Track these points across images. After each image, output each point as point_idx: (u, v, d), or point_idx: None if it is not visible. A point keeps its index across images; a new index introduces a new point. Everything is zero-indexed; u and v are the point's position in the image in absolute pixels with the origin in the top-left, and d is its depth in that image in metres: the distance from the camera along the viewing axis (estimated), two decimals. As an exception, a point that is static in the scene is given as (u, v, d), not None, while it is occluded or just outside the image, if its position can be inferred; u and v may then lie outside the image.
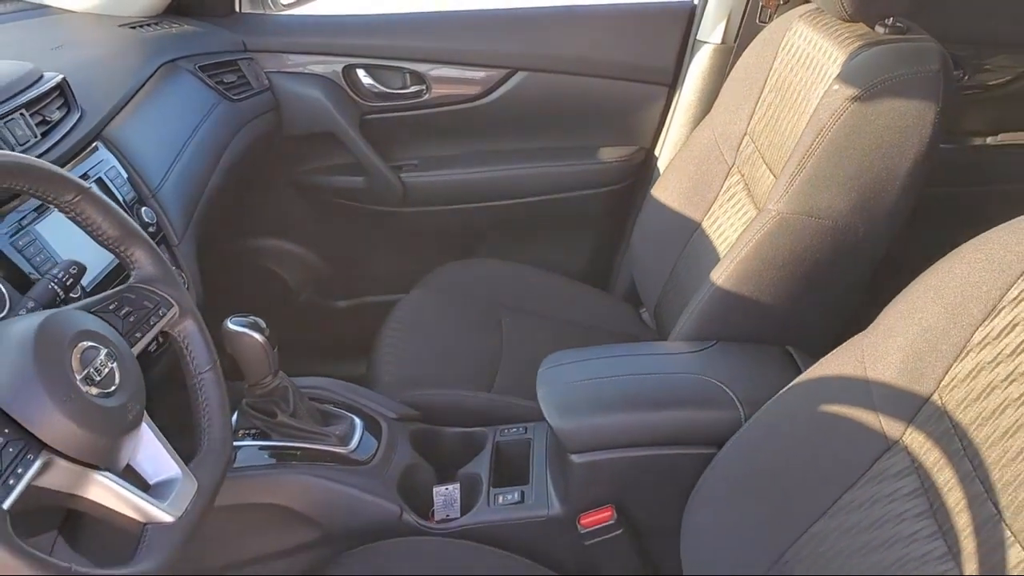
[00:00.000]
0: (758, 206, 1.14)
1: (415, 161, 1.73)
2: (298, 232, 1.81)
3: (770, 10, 1.50)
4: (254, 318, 0.96)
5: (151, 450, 0.72)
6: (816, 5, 1.14)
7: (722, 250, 1.19)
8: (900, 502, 0.66)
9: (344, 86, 1.66)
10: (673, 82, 1.63)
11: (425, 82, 1.66)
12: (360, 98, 1.67)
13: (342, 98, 1.66)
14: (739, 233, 1.10)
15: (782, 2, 1.48)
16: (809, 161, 0.99)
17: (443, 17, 1.68)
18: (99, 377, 0.65)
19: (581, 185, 1.70)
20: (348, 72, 1.65)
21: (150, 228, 1.08)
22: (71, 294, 0.82)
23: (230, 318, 0.95)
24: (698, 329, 1.08)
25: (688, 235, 1.29)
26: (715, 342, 1.07)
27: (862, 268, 1.05)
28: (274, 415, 1.00)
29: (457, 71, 1.66)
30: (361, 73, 1.66)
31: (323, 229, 1.81)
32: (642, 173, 1.70)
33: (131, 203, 1.08)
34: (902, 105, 0.95)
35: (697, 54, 1.56)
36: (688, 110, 1.58)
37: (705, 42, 1.55)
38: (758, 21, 1.50)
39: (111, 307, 0.74)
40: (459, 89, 1.67)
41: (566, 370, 1.05)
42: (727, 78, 1.34)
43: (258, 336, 0.94)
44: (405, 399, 1.19)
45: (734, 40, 1.53)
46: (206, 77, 1.46)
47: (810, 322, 1.09)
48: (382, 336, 1.37)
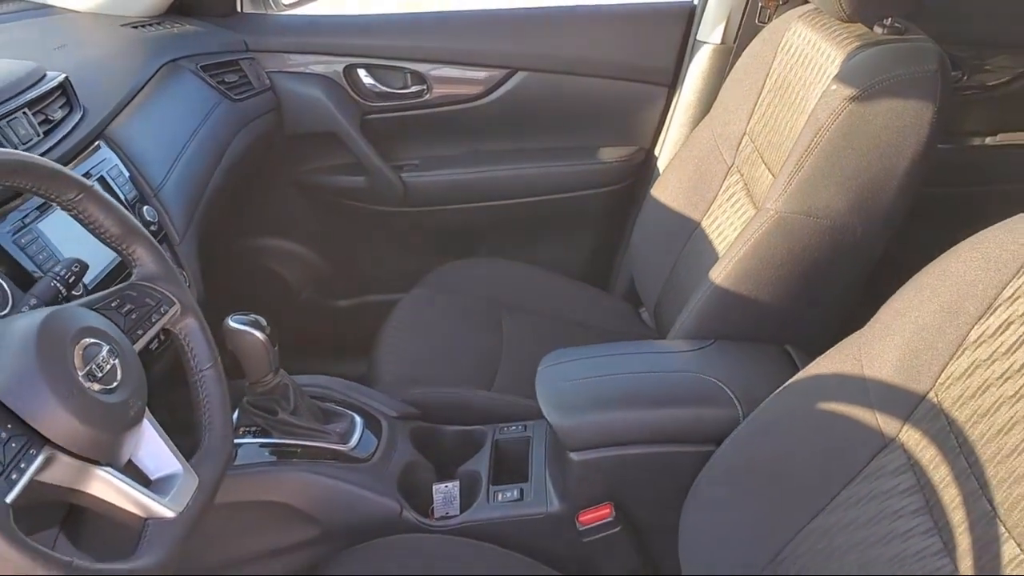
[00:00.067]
0: (757, 206, 1.14)
1: (416, 161, 1.73)
2: (299, 231, 1.81)
3: (769, 11, 1.50)
4: (255, 316, 0.96)
5: (153, 446, 0.72)
6: (815, 5, 1.15)
7: (721, 250, 1.19)
8: (896, 499, 0.66)
9: (345, 86, 1.66)
10: (673, 82, 1.63)
11: (426, 82, 1.66)
12: (361, 98, 1.68)
13: (343, 98, 1.66)
14: (738, 233, 1.11)
15: (781, 2, 1.48)
16: (807, 161, 0.99)
17: (444, 17, 1.69)
18: (101, 373, 0.65)
19: (581, 185, 1.70)
20: (349, 72, 1.66)
21: (152, 227, 1.09)
22: (73, 292, 0.83)
23: (231, 316, 0.95)
24: (697, 328, 1.09)
25: (688, 235, 1.29)
26: (713, 341, 1.07)
27: (860, 267, 1.05)
28: (275, 413, 1.00)
29: (458, 71, 1.66)
30: (362, 73, 1.66)
31: (324, 228, 1.81)
32: (642, 173, 1.71)
33: (133, 202, 1.08)
34: (900, 105, 0.95)
35: (697, 54, 1.56)
36: (688, 110, 1.59)
37: (705, 42, 1.55)
38: (757, 21, 1.50)
39: (113, 304, 0.74)
40: (460, 89, 1.67)
41: (565, 368, 1.05)
42: (727, 78, 1.35)
43: (259, 334, 0.94)
44: (405, 397, 1.20)
45: (734, 40, 1.53)
46: (208, 77, 1.46)
47: (808, 321, 1.09)
48: (383, 335, 1.38)
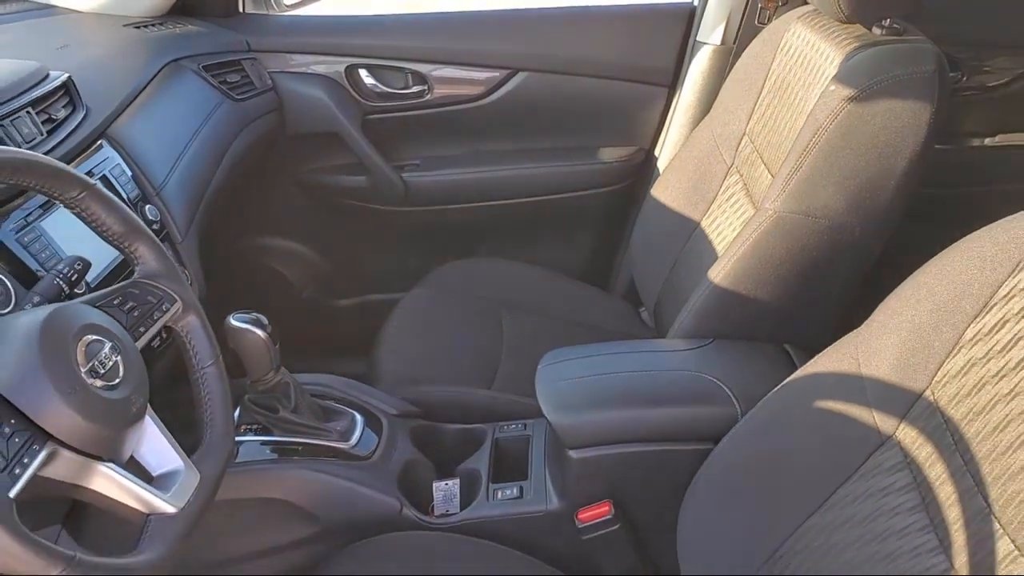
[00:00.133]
0: (756, 206, 1.14)
1: (417, 161, 1.73)
2: (300, 231, 1.82)
3: (769, 11, 1.50)
4: (256, 314, 0.96)
5: (154, 442, 0.73)
6: (814, 7, 1.15)
7: (720, 250, 1.20)
8: (893, 496, 0.66)
9: (347, 86, 1.66)
10: (673, 83, 1.63)
11: (427, 82, 1.66)
12: (362, 98, 1.68)
13: (345, 98, 1.66)
14: (737, 233, 1.11)
15: (781, 4, 1.49)
16: (806, 161, 0.99)
17: (445, 18, 1.69)
18: (103, 370, 0.66)
19: (581, 185, 1.70)
20: (351, 72, 1.66)
21: (154, 225, 1.09)
22: (75, 289, 0.83)
23: (233, 314, 0.96)
24: (695, 327, 1.09)
25: (687, 235, 1.29)
26: (712, 340, 1.08)
27: (857, 266, 1.05)
28: (276, 411, 1.01)
29: (459, 71, 1.67)
30: (363, 73, 1.67)
31: (325, 228, 1.82)
32: (642, 173, 1.71)
33: (135, 201, 1.09)
34: (898, 105, 0.95)
35: (697, 55, 1.57)
36: (688, 111, 1.59)
37: (705, 43, 1.56)
38: (757, 22, 1.51)
39: (115, 302, 0.74)
40: (461, 89, 1.67)
41: (564, 367, 1.05)
42: (726, 79, 1.35)
43: (260, 332, 0.95)
44: (406, 396, 1.20)
45: (733, 41, 1.53)
46: (210, 77, 1.47)
47: (806, 320, 1.09)
48: (383, 334, 1.38)
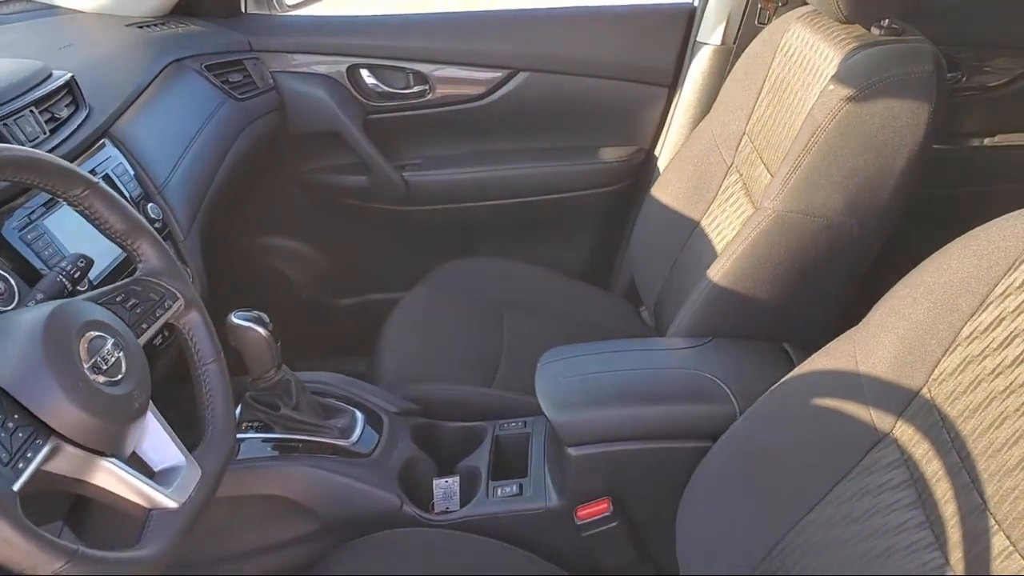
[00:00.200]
0: (756, 205, 1.15)
1: (418, 160, 1.74)
2: (302, 230, 1.82)
3: (769, 12, 1.51)
4: (258, 313, 0.97)
5: (156, 438, 0.73)
6: (814, 7, 1.16)
7: (720, 249, 1.20)
8: (890, 493, 0.66)
9: (348, 86, 1.67)
10: (673, 83, 1.64)
11: (428, 82, 1.67)
12: (364, 98, 1.69)
13: (346, 98, 1.67)
14: (737, 232, 1.12)
15: (781, 4, 1.49)
16: (804, 160, 1.00)
17: (446, 18, 1.69)
18: (106, 366, 0.66)
19: (582, 185, 1.71)
20: (352, 72, 1.67)
21: (156, 224, 1.10)
22: (78, 287, 0.83)
23: (234, 312, 0.96)
24: (694, 325, 1.09)
25: (687, 235, 1.30)
26: (711, 338, 1.08)
27: (856, 265, 1.06)
28: (277, 408, 1.01)
29: (460, 71, 1.67)
30: (365, 73, 1.68)
31: (327, 227, 1.82)
32: (642, 173, 1.71)
33: (137, 199, 1.09)
34: (896, 105, 0.95)
35: (697, 55, 1.57)
36: (688, 111, 1.59)
37: (705, 43, 1.56)
38: (757, 23, 1.51)
39: (118, 299, 0.75)
40: (462, 89, 1.68)
41: (564, 365, 1.06)
42: (726, 79, 1.35)
43: (261, 330, 0.95)
44: (407, 394, 1.20)
45: (733, 41, 1.54)
46: (212, 76, 1.47)
47: (805, 318, 1.09)
48: (384, 333, 1.38)
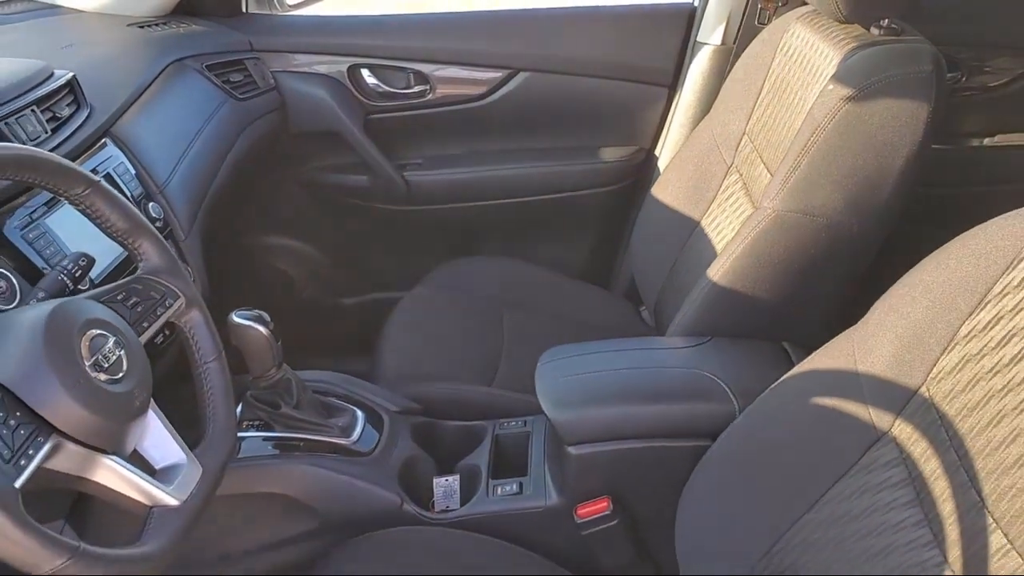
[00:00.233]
0: (755, 205, 1.15)
1: (419, 160, 1.74)
2: (302, 229, 1.82)
3: (769, 12, 1.51)
4: (259, 311, 0.97)
5: (157, 436, 0.74)
6: (813, 7, 1.16)
7: (720, 249, 1.20)
8: (888, 491, 0.67)
9: (349, 86, 1.67)
10: (673, 83, 1.64)
11: (429, 82, 1.67)
12: (364, 97, 1.69)
13: (347, 97, 1.67)
14: (736, 231, 1.12)
15: (780, 4, 1.49)
16: (804, 160, 1.00)
17: (447, 18, 1.70)
18: (107, 364, 0.66)
19: (582, 185, 1.71)
20: (353, 72, 1.67)
21: (157, 223, 1.10)
22: (80, 285, 0.84)
23: (235, 311, 0.96)
24: (694, 324, 1.10)
25: (687, 234, 1.30)
26: (710, 337, 1.08)
27: (855, 264, 1.06)
28: (278, 407, 1.01)
29: (460, 71, 1.67)
30: (366, 73, 1.68)
31: (327, 227, 1.82)
32: (642, 173, 1.71)
33: (139, 198, 1.09)
34: (895, 105, 0.96)
35: (697, 55, 1.57)
36: (688, 111, 1.60)
37: (705, 43, 1.56)
38: (757, 23, 1.51)
39: (119, 297, 0.75)
40: (462, 89, 1.68)
41: (563, 364, 1.06)
42: (726, 79, 1.35)
43: (262, 329, 0.96)
44: (407, 393, 1.21)
45: (733, 41, 1.54)
46: (213, 76, 1.47)
47: (804, 317, 1.09)
48: (385, 332, 1.39)
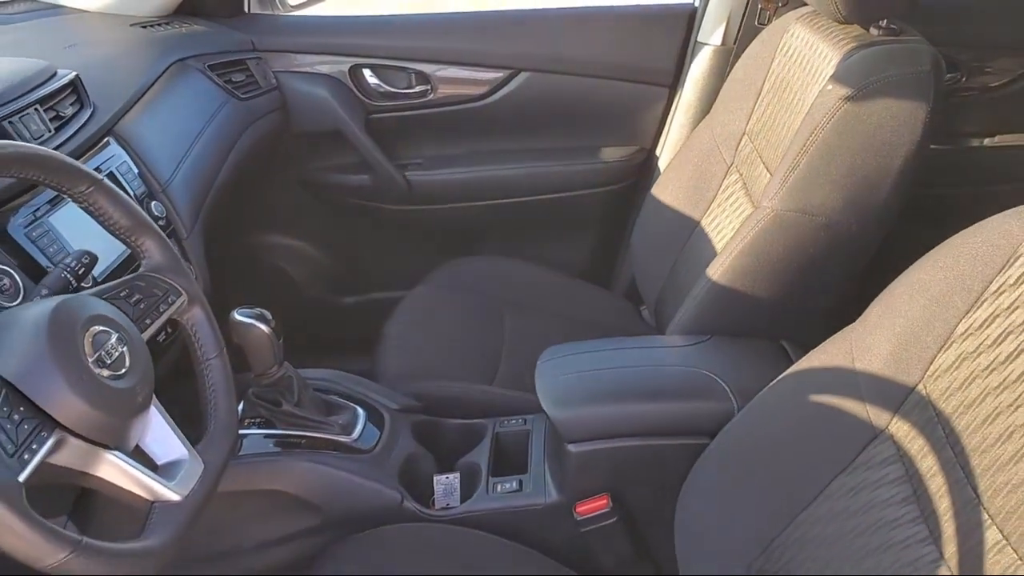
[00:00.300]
0: (755, 205, 1.15)
1: (420, 160, 1.74)
2: (304, 229, 1.83)
3: (769, 12, 1.51)
4: (260, 310, 0.97)
5: (159, 432, 0.74)
6: (813, 7, 1.16)
7: (720, 248, 1.20)
8: (885, 488, 0.67)
9: (350, 85, 1.68)
10: (674, 83, 1.64)
11: (430, 82, 1.68)
12: (366, 97, 1.69)
13: (348, 97, 1.68)
14: (736, 231, 1.12)
15: (780, 4, 1.50)
16: (803, 159, 1.00)
17: (448, 18, 1.70)
18: (110, 360, 0.67)
19: (583, 184, 1.71)
20: (354, 72, 1.67)
21: (160, 222, 1.10)
22: (83, 283, 0.84)
23: (237, 310, 0.97)
24: (693, 323, 1.10)
25: (687, 234, 1.30)
26: (710, 336, 1.09)
27: (854, 263, 1.06)
28: (279, 404, 1.02)
29: (461, 71, 1.67)
30: (367, 73, 1.68)
31: (329, 226, 1.83)
32: (643, 173, 1.72)
33: (141, 197, 1.10)
34: (894, 105, 0.96)
35: (697, 55, 1.58)
36: (688, 111, 1.60)
37: (705, 44, 1.57)
38: (757, 23, 1.51)
39: (122, 294, 0.76)
40: (463, 89, 1.68)
41: (563, 362, 1.06)
42: (727, 79, 1.36)
43: (264, 327, 0.96)
44: (408, 391, 1.21)
45: (734, 42, 1.54)
46: (215, 76, 1.48)
47: (803, 316, 1.10)
48: (386, 331, 1.39)
